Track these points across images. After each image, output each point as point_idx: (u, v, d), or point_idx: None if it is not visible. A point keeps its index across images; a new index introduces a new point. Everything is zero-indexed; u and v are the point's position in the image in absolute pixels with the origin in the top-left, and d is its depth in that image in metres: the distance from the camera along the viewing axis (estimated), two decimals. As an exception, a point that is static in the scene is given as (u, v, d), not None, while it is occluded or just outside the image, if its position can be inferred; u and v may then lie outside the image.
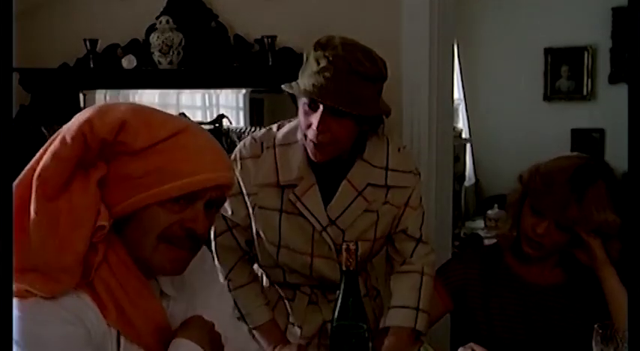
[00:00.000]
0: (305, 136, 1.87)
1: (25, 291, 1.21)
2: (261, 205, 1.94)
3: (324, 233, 1.92)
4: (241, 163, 1.96)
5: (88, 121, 1.26)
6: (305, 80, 1.84)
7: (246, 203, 1.96)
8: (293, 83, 1.89)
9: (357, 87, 1.80)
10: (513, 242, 2.01)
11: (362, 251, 1.91)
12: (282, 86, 1.90)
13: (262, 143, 1.97)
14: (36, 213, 1.22)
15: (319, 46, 1.84)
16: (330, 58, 1.79)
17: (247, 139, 2.00)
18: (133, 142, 1.26)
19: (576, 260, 1.96)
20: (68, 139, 1.25)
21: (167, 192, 1.26)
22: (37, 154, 1.29)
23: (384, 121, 1.98)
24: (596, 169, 1.90)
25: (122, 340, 1.30)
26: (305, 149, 1.91)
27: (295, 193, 1.91)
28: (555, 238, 1.89)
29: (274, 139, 1.97)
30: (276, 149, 1.95)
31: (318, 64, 1.82)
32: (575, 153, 2.05)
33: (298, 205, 1.91)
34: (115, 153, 1.27)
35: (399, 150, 2.00)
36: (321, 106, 1.81)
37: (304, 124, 1.86)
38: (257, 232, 1.97)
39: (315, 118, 1.82)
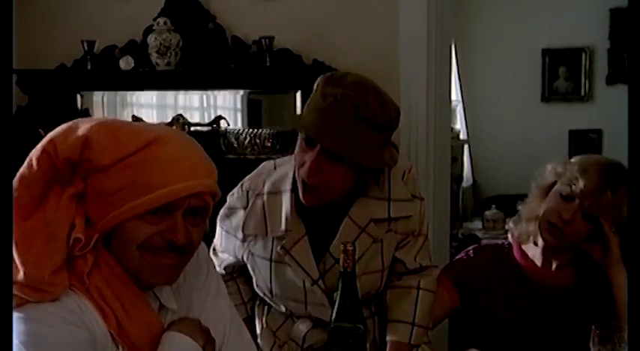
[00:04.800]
0: (297, 174, 1.78)
1: (19, 297, 1.22)
2: (253, 252, 1.90)
3: (314, 286, 1.85)
4: (230, 212, 1.92)
5: (52, 142, 1.26)
6: (308, 115, 1.72)
7: (235, 240, 1.93)
8: (298, 114, 1.76)
9: (360, 133, 1.68)
10: (527, 238, 2.00)
11: (372, 284, 1.91)
12: (286, 117, 1.78)
13: (248, 192, 1.89)
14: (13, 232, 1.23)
15: (330, 80, 1.72)
16: (338, 97, 1.67)
17: (237, 188, 1.93)
18: (100, 158, 1.25)
19: (588, 261, 1.96)
20: (34, 160, 1.26)
21: (140, 206, 1.25)
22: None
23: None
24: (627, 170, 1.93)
25: (120, 349, 1.30)
26: (294, 198, 1.82)
27: (284, 246, 1.83)
28: (578, 227, 1.90)
29: (263, 186, 1.89)
30: (265, 198, 1.87)
31: (324, 100, 1.69)
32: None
33: (287, 258, 1.83)
34: (86, 170, 1.27)
35: (403, 173, 1.92)
36: (319, 146, 1.70)
37: (299, 162, 1.76)
38: (252, 274, 1.95)
39: (309, 158, 1.72)
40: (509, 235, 2.08)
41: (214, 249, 2.04)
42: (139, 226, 1.27)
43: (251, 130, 3.32)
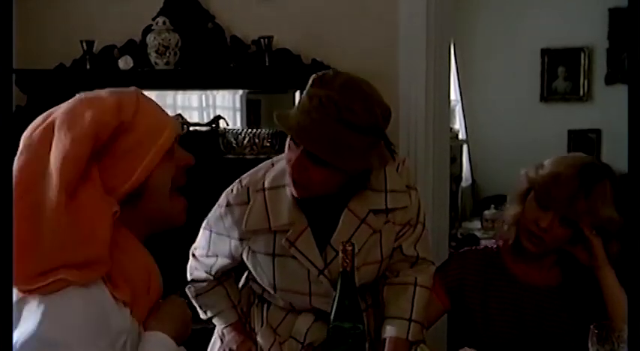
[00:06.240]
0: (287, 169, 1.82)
1: (60, 280, 1.24)
2: (254, 250, 1.90)
3: (321, 276, 1.86)
4: (229, 210, 1.91)
5: (95, 121, 1.30)
6: (294, 115, 1.74)
7: (229, 241, 1.93)
8: (286, 112, 1.79)
9: (343, 136, 1.68)
10: (512, 242, 2.01)
11: (370, 275, 1.93)
12: (275, 115, 1.78)
13: (249, 189, 1.90)
14: (57, 212, 1.25)
15: (319, 81, 1.74)
16: (323, 100, 1.68)
17: (235, 185, 1.93)
18: (128, 117, 1.34)
19: (574, 261, 1.97)
20: (79, 138, 1.29)
21: (163, 145, 1.36)
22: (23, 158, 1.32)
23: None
24: (603, 168, 1.92)
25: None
26: None
27: (288, 239, 1.85)
28: (557, 233, 1.90)
29: (263, 182, 1.90)
30: (266, 193, 1.88)
31: (310, 102, 1.71)
32: (578, 153, 2.07)
33: (292, 250, 1.85)
34: (115, 135, 1.33)
35: (398, 165, 1.95)
36: (302, 147, 1.72)
37: (287, 158, 1.79)
38: (253, 271, 1.96)
39: (294, 156, 1.75)
40: (499, 238, 2.09)
41: (194, 255, 2.04)
42: (165, 166, 1.37)
43: (250, 129, 3.32)
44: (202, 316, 2.08)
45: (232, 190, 1.92)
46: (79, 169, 1.28)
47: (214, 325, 2.12)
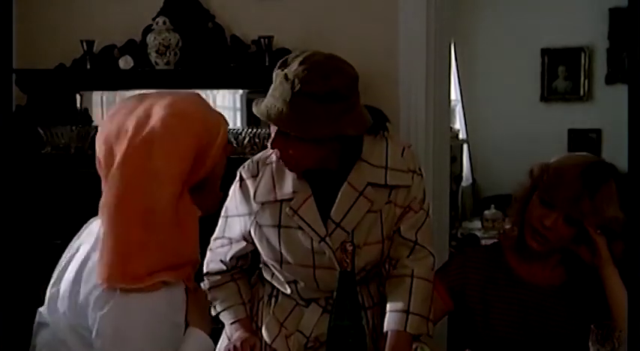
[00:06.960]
0: None
1: (160, 282, 1.37)
2: (261, 224, 1.95)
3: (322, 243, 1.89)
4: (241, 184, 1.99)
5: (196, 137, 1.48)
6: (266, 99, 1.83)
7: (240, 220, 1.99)
8: (263, 99, 1.86)
9: (306, 108, 1.75)
10: (515, 240, 2.01)
11: (373, 256, 1.94)
12: (254, 102, 1.87)
13: (258, 163, 1.99)
14: (168, 219, 1.40)
15: (282, 63, 1.82)
16: (282, 78, 1.77)
17: (247, 161, 2.03)
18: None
19: (578, 261, 1.97)
20: (184, 152, 1.45)
21: (222, 141, 1.55)
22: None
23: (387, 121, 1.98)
24: (608, 168, 1.92)
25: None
26: None
27: (292, 207, 1.90)
28: (562, 232, 1.90)
29: (272, 156, 1.97)
30: (273, 166, 1.95)
31: (274, 82, 1.81)
32: (584, 153, 2.07)
33: (295, 218, 1.89)
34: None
35: (403, 149, 1.97)
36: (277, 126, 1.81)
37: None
38: (260, 247, 1.99)
39: (272, 137, 1.84)
40: (503, 237, 2.09)
41: (210, 248, 2.08)
42: (221, 158, 1.58)
43: (250, 129, 3.32)
44: (212, 311, 2.08)
45: (245, 166, 2.01)
46: (184, 181, 1.43)
47: (220, 325, 2.12)
